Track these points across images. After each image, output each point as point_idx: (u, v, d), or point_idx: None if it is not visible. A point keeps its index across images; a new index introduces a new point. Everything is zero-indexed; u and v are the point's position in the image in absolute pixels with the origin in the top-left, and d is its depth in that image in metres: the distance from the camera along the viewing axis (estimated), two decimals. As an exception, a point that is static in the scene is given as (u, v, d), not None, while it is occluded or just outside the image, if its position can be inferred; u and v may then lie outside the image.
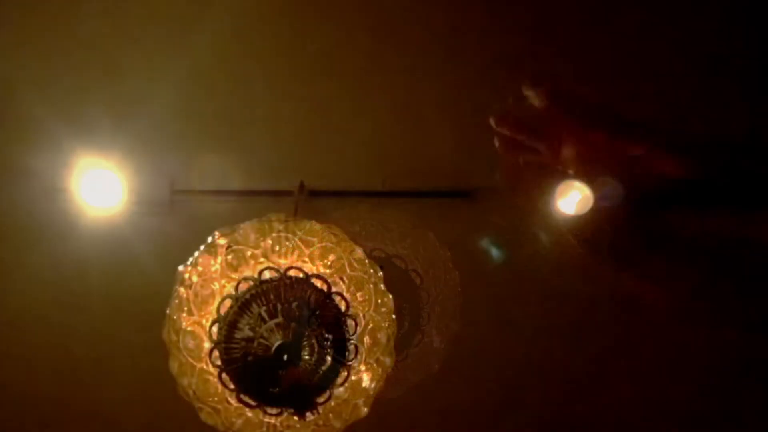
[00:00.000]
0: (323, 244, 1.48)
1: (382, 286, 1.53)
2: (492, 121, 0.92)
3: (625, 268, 0.76)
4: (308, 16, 2.19)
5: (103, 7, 2.11)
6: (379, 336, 1.52)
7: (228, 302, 1.44)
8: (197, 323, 1.46)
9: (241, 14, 2.12)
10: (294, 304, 1.44)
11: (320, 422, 1.51)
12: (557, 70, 2.22)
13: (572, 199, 2.28)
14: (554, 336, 2.54)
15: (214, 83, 2.18)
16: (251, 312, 1.43)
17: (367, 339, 1.51)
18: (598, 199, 0.83)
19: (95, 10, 2.11)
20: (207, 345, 1.46)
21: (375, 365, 1.53)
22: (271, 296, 1.44)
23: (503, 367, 2.57)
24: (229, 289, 1.45)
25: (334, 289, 1.47)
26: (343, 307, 1.48)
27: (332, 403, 1.51)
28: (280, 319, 1.42)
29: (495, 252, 2.40)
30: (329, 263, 1.48)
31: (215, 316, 1.45)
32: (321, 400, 1.49)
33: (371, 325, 1.51)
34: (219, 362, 1.45)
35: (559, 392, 2.61)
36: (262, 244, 1.46)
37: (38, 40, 2.12)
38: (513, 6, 2.22)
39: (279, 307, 1.43)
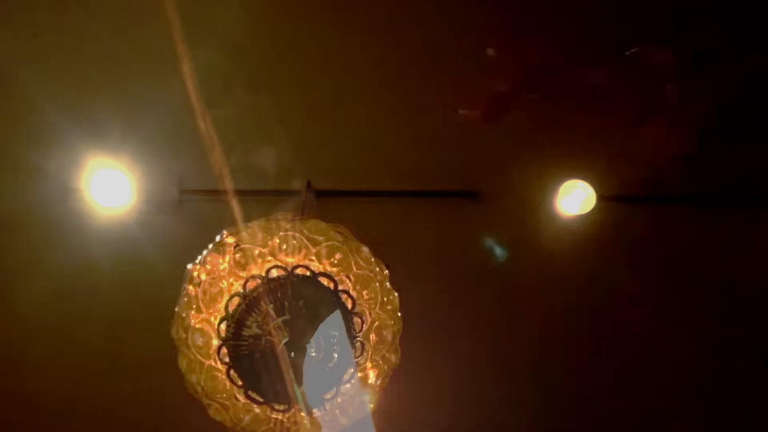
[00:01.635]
0: (330, 242, 1.48)
1: (387, 284, 1.54)
2: None
3: None
4: (316, 19, 2.18)
5: (112, 15, 2.12)
6: (384, 333, 1.53)
7: (236, 300, 1.45)
8: (206, 321, 1.46)
9: (249, 19, 2.12)
10: (301, 302, 1.44)
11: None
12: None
13: (575, 197, 2.29)
14: (558, 332, 2.54)
15: (220, 86, 2.18)
16: (259, 310, 1.44)
17: (372, 336, 1.51)
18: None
19: (105, 18, 2.11)
20: (215, 342, 1.46)
21: (380, 362, 1.54)
22: (279, 294, 1.44)
23: (509, 363, 2.57)
24: (237, 287, 1.45)
25: (340, 287, 1.47)
26: (349, 305, 1.48)
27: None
28: (287, 317, 1.42)
29: (500, 251, 2.40)
30: (336, 261, 1.48)
31: (223, 313, 1.45)
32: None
33: (377, 323, 1.51)
34: (227, 359, 1.45)
35: (560, 388, 2.61)
36: (269, 242, 1.46)
37: (50, 47, 2.12)
38: (517, 11, 2.21)
39: (286, 304, 1.43)
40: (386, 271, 1.55)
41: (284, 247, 1.46)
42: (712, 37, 2.17)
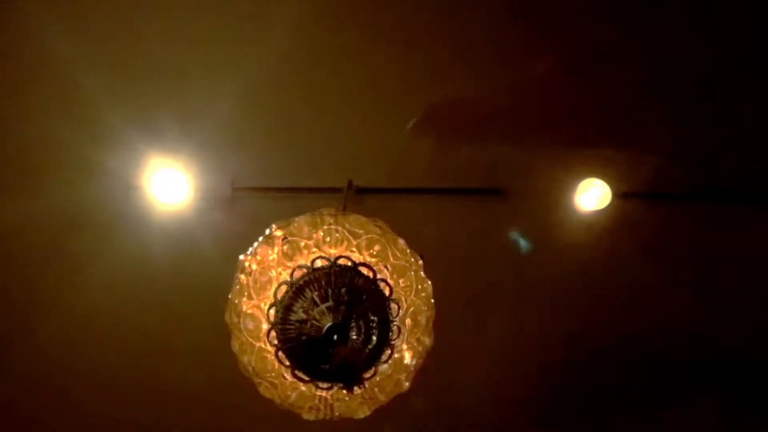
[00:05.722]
0: (369, 235, 1.49)
1: (422, 273, 1.53)
2: None
3: None
4: (358, 27, 2.17)
5: (171, 23, 2.13)
6: (419, 318, 1.53)
7: (284, 288, 1.45)
8: (256, 307, 1.47)
9: (297, 23, 2.11)
10: (343, 290, 1.44)
11: (366, 396, 1.52)
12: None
13: (592, 194, 2.27)
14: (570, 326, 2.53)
15: (271, 90, 2.19)
16: (305, 296, 1.44)
17: (408, 321, 1.51)
18: None
19: (164, 27, 2.12)
20: (265, 326, 1.47)
21: (416, 344, 1.54)
22: (323, 282, 1.44)
23: (523, 353, 2.56)
24: (285, 276, 1.46)
25: (379, 276, 1.47)
26: (387, 292, 1.48)
27: (377, 379, 1.52)
28: (330, 303, 1.42)
29: (523, 243, 2.39)
30: (375, 252, 1.49)
31: (272, 300, 1.46)
32: (367, 375, 1.49)
33: (412, 309, 1.52)
34: (276, 341, 1.46)
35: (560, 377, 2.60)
36: (314, 235, 1.47)
37: (114, 55, 2.14)
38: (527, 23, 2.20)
39: (330, 292, 1.43)
40: (420, 261, 1.55)
41: (328, 239, 1.47)
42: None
